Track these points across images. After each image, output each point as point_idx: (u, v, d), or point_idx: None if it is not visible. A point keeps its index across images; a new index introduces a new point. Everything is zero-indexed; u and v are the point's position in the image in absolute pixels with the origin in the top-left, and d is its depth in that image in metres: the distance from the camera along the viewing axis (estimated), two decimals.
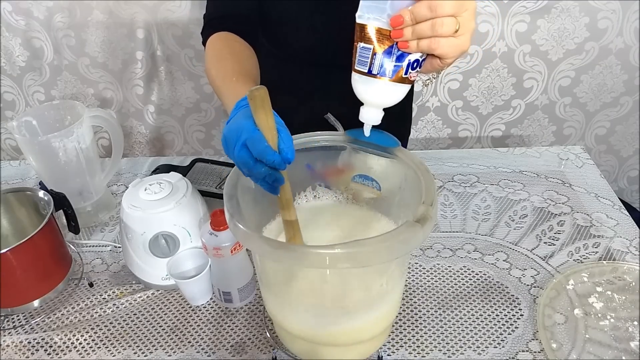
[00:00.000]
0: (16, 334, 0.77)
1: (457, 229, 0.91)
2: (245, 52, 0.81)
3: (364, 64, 0.56)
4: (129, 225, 0.77)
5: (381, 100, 0.59)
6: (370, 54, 0.55)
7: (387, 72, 0.56)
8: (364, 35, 0.55)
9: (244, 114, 0.56)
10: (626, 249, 0.85)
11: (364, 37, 0.56)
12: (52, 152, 0.88)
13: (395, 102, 0.59)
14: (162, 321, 0.78)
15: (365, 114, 0.61)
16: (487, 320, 0.75)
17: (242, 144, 0.53)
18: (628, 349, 0.68)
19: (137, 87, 1.58)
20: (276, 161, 0.53)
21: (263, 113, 0.52)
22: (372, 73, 0.56)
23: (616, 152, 1.72)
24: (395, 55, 0.55)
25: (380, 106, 0.60)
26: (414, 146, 1.71)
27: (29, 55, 1.54)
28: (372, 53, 0.55)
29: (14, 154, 1.79)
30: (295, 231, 0.62)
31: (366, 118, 0.61)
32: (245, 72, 0.73)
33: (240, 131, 0.54)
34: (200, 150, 1.75)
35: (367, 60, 0.56)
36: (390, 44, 0.55)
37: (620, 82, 1.56)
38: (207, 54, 0.81)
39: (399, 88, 0.58)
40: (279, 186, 0.57)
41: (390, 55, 0.55)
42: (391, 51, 0.55)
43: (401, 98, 0.59)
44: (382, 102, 0.59)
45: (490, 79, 1.56)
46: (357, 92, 0.60)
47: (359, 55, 0.57)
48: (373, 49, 0.55)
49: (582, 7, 1.42)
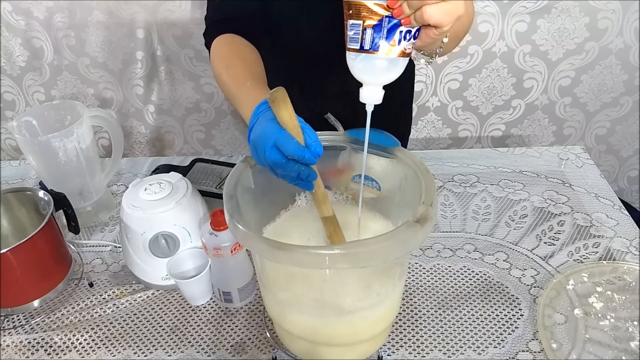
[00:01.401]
0: (16, 334, 0.77)
1: (457, 229, 0.91)
2: (252, 55, 0.81)
3: (355, 40, 0.55)
4: (129, 225, 0.77)
5: (378, 76, 0.57)
6: (361, 30, 0.54)
7: (380, 47, 0.54)
8: (352, 11, 0.54)
9: (266, 118, 0.57)
10: (626, 249, 0.85)
11: (352, 14, 0.54)
12: (52, 152, 0.88)
13: (393, 78, 0.57)
14: (162, 321, 0.78)
15: (366, 94, 0.58)
16: (487, 320, 0.75)
17: (272, 145, 0.55)
18: (628, 349, 0.68)
19: (137, 87, 1.58)
20: (307, 156, 0.55)
21: (287, 112, 0.54)
22: (365, 49, 0.55)
23: (616, 152, 1.72)
24: (385, 29, 0.54)
25: (379, 83, 0.58)
26: (414, 146, 1.71)
27: (29, 55, 1.54)
28: (362, 29, 0.54)
29: (14, 154, 1.79)
30: (335, 226, 0.63)
31: (367, 98, 0.59)
32: (255, 76, 0.74)
33: (267, 134, 0.56)
34: (200, 150, 1.75)
35: (358, 36, 0.54)
36: (380, 18, 0.53)
37: (620, 82, 1.56)
38: (214, 58, 0.81)
39: (396, 62, 0.56)
40: (312, 181, 0.59)
41: (380, 29, 0.54)
42: (381, 24, 0.53)
43: (399, 73, 0.57)
44: (380, 79, 0.57)
45: (490, 79, 1.56)
46: (353, 71, 0.58)
47: (349, 32, 0.55)
48: (362, 24, 0.54)
49: (582, 7, 1.42)
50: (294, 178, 0.58)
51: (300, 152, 0.55)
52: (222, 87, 0.77)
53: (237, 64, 0.77)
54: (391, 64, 0.56)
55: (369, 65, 0.56)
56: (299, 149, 0.55)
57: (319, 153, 0.56)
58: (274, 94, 0.54)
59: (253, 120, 0.60)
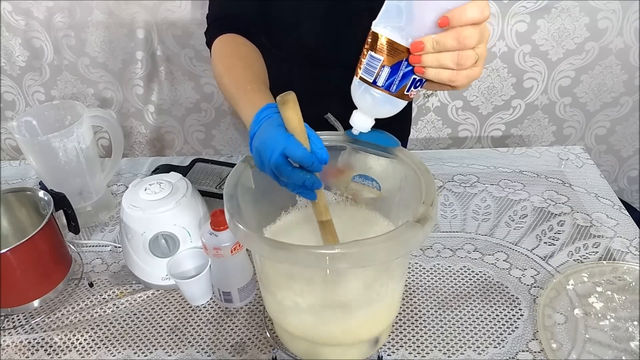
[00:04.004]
0: (16, 334, 0.77)
1: (457, 229, 0.91)
2: (254, 55, 0.80)
3: (370, 73, 0.55)
4: (129, 225, 0.77)
5: (378, 111, 0.59)
6: (379, 66, 0.54)
7: (392, 87, 0.55)
8: (376, 44, 0.54)
9: (272, 124, 0.57)
10: (626, 249, 0.85)
11: (375, 47, 0.54)
12: (52, 152, 0.88)
13: (389, 115, 0.59)
14: (162, 321, 0.78)
15: (357, 120, 0.60)
16: (487, 320, 0.75)
17: (280, 153, 0.54)
18: (628, 349, 0.68)
19: (137, 87, 1.58)
20: (315, 163, 0.54)
21: (296, 118, 0.54)
22: (377, 84, 0.56)
23: (616, 152, 1.72)
24: (402, 72, 0.54)
25: (375, 116, 0.60)
26: (414, 146, 1.71)
27: (29, 55, 1.54)
28: (381, 65, 0.54)
29: (14, 154, 1.79)
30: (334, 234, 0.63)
31: (357, 124, 0.61)
32: (256, 78, 0.73)
33: (275, 141, 0.55)
34: (200, 150, 1.75)
35: (375, 70, 0.55)
36: (400, 59, 0.53)
37: (620, 82, 1.56)
38: (215, 58, 0.80)
39: (397, 103, 0.57)
40: (316, 190, 0.58)
41: (397, 70, 0.54)
42: (399, 66, 0.54)
43: (396, 112, 0.59)
44: (378, 113, 0.59)
45: (490, 79, 1.56)
46: (355, 98, 0.59)
47: (366, 63, 0.55)
48: (383, 60, 0.54)
49: (582, 7, 1.42)
50: (298, 186, 0.57)
51: (308, 160, 0.54)
52: (222, 88, 0.76)
53: (237, 65, 0.76)
54: (394, 104, 0.57)
55: (373, 99, 0.57)
56: (307, 156, 0.54)
57: (326, 160, 0.56)
58: (286, 97, 0.53)
59: (256, 126, 0.59)
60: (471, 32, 0.50)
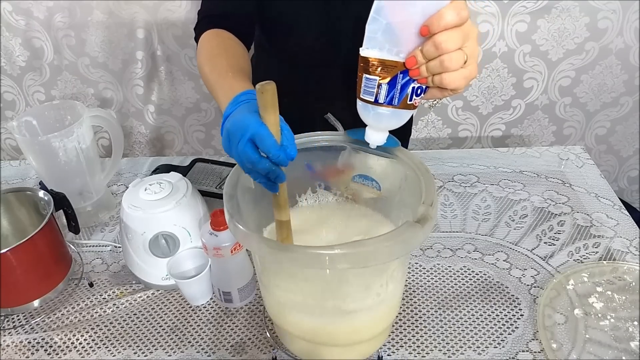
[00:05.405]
0: (16, 334, 0.77)
1: (457, 229, 0.91)
2: (238, 49, 0.80)
3: (370, 93, 0.58)
4: (129, 225, 0.77)
5: (387, 125, 0.61)
6: (376, 85, 0.57)
7: (394, 100, 0.58)
8: (368, 67, 0.57)
9: (248, 109, 0.56)
10: (626, 249, 0.85)
11: (368, 70, 0.57)
12: (52, 152, 0.88)
13: (400, 125, 0.61)
14: (162, 321, 0.78)
15: (372, 136, 0.63)
16: (487, 320, 0.75)
17: (249, 138, 0.53)
18: (628, 349, 0.68)
19: (137, 87, 1.58)
20: (281, 157, 0.53)
21: (272, 109, 0.53)
22: (379, 102, 0.58)
23: (616, 152, 1.71)
24: (400, 84, 0.57)
25: (386, 129, 0.62)
26: (414, 146, 1.71)
27: (29, 55, 1.54)
28: (378, 84, 0.57)
29: (14, 154, 1.79)
30: (289, 231, 0.63)
31: (372, 139, 0.63)
32: (239, 69, 0.73)
33: (246, 126, 0.54)
34: (200, 150, 1.75)
35: (373, 90, 0.57)
36: (394, 74, 0.56)
37: (620, 82, 1.56)
38: (200, 50, 0.80)
39: (403, 113, 0.59)
40: (279, 184, 0.57)
41: (395, 84, 0.56)
42: (396, 80, 0.56)
43: (406, 120, 0.61)
44: (388, 127, 0.62)
45: (490, 79, 1.56)
46: (364, 117, 0.62)
47: (364, 85, 0.58)
48: (379, 79, 0.56)
49: (582, 7, 1.42)
50: (261, 176, 0.56)
51: (276, 151, 0.53)
52: (203, 77, 0.75)
53: (221, 55, 0.76)
54: (400, 115, 0.60)
55: (380, 115, 0.60)
56: (275, 147, 0.53)
57: (293, 156, 0.55)
58: (265, 86, 0.51)
59: (231, 108, 0.58)
60: (448, 36, 0.52)
